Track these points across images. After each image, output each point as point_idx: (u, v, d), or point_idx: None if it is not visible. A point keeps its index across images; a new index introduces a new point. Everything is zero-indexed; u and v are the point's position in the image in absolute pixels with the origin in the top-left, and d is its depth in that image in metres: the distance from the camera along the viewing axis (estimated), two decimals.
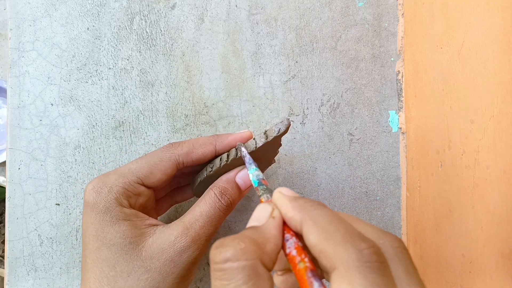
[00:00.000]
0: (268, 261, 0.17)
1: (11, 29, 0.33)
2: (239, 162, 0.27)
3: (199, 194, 0.29)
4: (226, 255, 0.16)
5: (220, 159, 0.26)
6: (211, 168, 0.27)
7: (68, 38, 0.33)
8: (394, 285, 0.15)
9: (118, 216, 0.24)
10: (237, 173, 0.27)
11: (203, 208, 0.25)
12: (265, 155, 0.28)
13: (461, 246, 0.28)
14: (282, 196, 0.19)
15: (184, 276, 0.25)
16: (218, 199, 0.26)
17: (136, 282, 0.23)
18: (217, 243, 0.17)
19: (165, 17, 0.34)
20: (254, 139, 0.25)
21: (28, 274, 0.32)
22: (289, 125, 0.25)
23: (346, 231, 0.16)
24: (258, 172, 0.23)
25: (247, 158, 0.24)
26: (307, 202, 0.18)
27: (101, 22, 0.33)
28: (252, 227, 0.18)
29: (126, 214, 0.25)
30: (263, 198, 0.21)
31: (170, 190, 0.30)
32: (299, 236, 0.18)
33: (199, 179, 0.28)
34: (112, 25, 0.33)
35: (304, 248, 0.17)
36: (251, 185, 0.26)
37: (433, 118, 0.31)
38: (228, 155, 0.26)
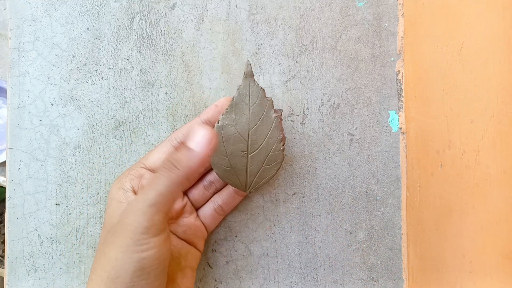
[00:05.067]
0: None
1: (11, 29, 0.33)
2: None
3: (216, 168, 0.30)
4: None
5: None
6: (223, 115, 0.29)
7: (68, 38, 0.33)
8: None
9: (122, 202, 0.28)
10: (192, 140, 0.25)
11: (161, 185, 0.23)
12: (262, 130, 0.29)
13: (461, 246, 0.28)
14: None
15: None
16: (173, 172, 0.24)
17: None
18: None
19: (165, 17, 0.34)
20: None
21: (28, 274, 0.32)
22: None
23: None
24: None
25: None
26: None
27: (101, 22, 0.33)
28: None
29: (125, 198, 0.28)
30: None
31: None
32: None
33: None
34: (112, 25, 0.33)
35: None
36: (213, 149, 0.24)
37: (433, 118, 0.31)
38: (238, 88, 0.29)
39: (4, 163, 0.74)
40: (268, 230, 0.34)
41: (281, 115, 0.29)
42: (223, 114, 0.28)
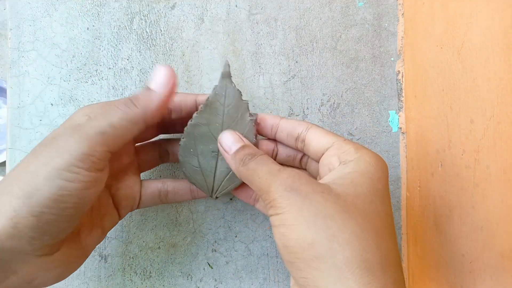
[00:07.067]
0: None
1: (11, 29, 0.33)
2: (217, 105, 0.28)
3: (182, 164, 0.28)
4: None
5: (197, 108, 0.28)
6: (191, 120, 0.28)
7: (68, 38, 0.33)
8: None
9: None
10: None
11: (115, 117, 0.22)
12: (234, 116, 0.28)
13: (461, 246, 0.28)
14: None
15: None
16: (130, 108, 0.23)
17: None
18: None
19: (165, 17, 0.34)
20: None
21: None
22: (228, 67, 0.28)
23: None
24: None
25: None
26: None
27: (101, 22, 0.33)
28: None
29: None
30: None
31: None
32: None
33: (180, 143, 0.28)
34: (112, 25, 0.33)
35: None
36: (172, 89, 0.24)
37: (433, 118, 0.31)
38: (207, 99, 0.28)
39: (4, 163, 0.74)
40: (268, 230, 0.34)
41: (256, 119, 0.28)
42: (196, 113, 0.27)
